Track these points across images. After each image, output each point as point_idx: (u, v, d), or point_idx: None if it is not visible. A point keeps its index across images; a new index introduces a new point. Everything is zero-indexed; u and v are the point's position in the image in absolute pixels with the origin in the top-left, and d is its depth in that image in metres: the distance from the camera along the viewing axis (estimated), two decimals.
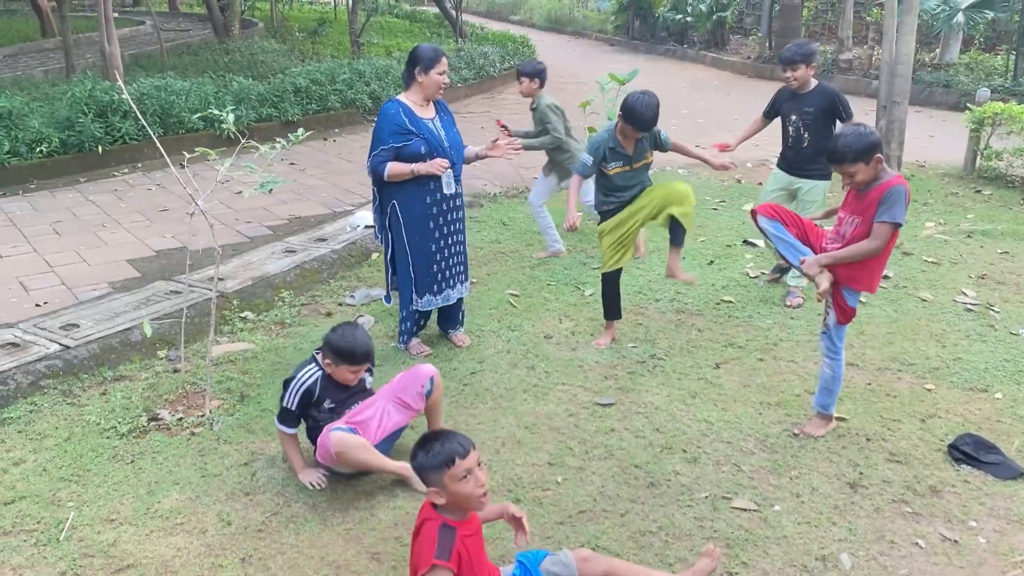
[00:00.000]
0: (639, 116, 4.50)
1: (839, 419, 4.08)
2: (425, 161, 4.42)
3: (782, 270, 5.75)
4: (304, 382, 3.56)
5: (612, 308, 4.95)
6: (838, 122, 5.32)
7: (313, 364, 3.62)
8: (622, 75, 6.87)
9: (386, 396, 3.70)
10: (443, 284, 4.72)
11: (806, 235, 3.84)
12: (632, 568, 2.91)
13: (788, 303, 5.43)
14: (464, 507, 2.56)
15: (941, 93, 13.46)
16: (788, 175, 5.55)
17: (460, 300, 4.89)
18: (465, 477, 2.49)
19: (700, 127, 11.79)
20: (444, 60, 4.48)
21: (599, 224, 4.89)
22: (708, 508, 3.44)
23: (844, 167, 3.54)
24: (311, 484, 3.53)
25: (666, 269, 4.92)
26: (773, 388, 4.43)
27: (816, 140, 5.32)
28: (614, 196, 4.78)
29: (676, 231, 4.76)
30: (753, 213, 3.90)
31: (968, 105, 9.09)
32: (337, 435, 3.42)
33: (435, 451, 2.52)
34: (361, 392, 3.72)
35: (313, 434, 3.62)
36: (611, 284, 4.88)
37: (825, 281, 3.65)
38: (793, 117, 5.46)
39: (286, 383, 3.59)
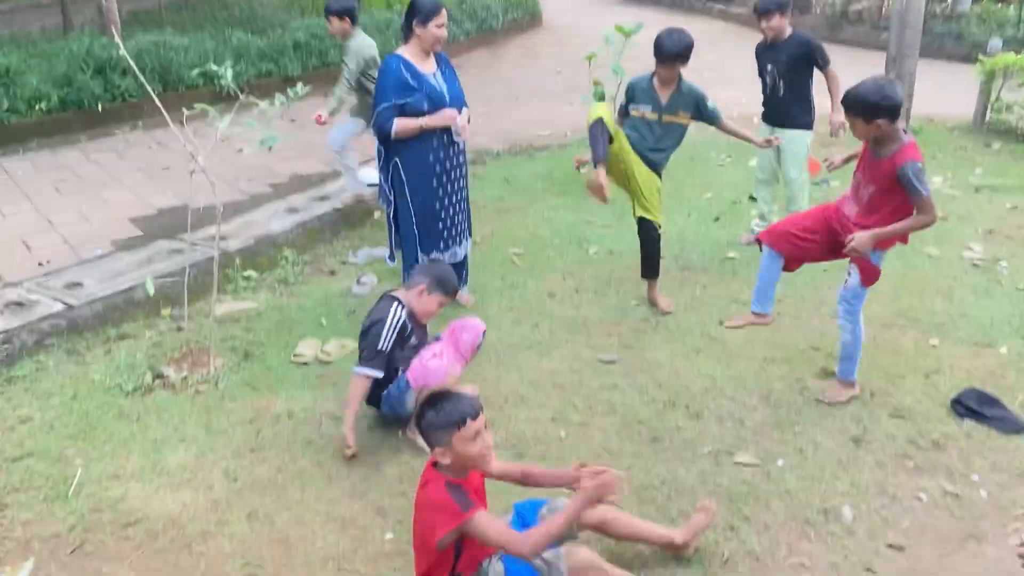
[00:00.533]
0: (659, 43, 4.46)
1: None
2: (428, 116, 4.34)
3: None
4: (399, 318, 3.53)
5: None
6: (816, 71, 5.23)
7: (395, 303, 3.58)
8: (628, 27, 6.75)
9: (449, 343, 3.61)
10: (449, 241, 4.65)
11: (829, 225, 3.80)
12: (624, 518, 2.92)
13: (742, 239, 5.61)
14: (468, 467, 2.56)
15: (952, 44, 13.24)
16: (770, 127, 5.53)
17: (465, 258, 4.85)
18: (474, 438, 2.48)
19: (708, 81, 11.59)
20: (443, 12, 4.32)
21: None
22: (711, 463, 3.46)
23: (846, 114, 3.55)
24: (348, 446, 3.48)
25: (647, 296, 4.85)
26: (777, 344, 4.43)
27: (792, 90, 5.27)
28: (633, 135, 4.55)
29: (646, 262, 4.71)
30: (758, 242, 4.01)
31: (980, 57, 8.94)
32: (431, 369, 3.42)
33: (446, 411, 2.48)
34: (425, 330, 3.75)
35: (379, 390, 3.60)
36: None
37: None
38: (769, 67, 5.46)
39: (371, 327, 3.52)
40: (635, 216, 4.70)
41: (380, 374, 3.52)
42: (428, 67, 4.42)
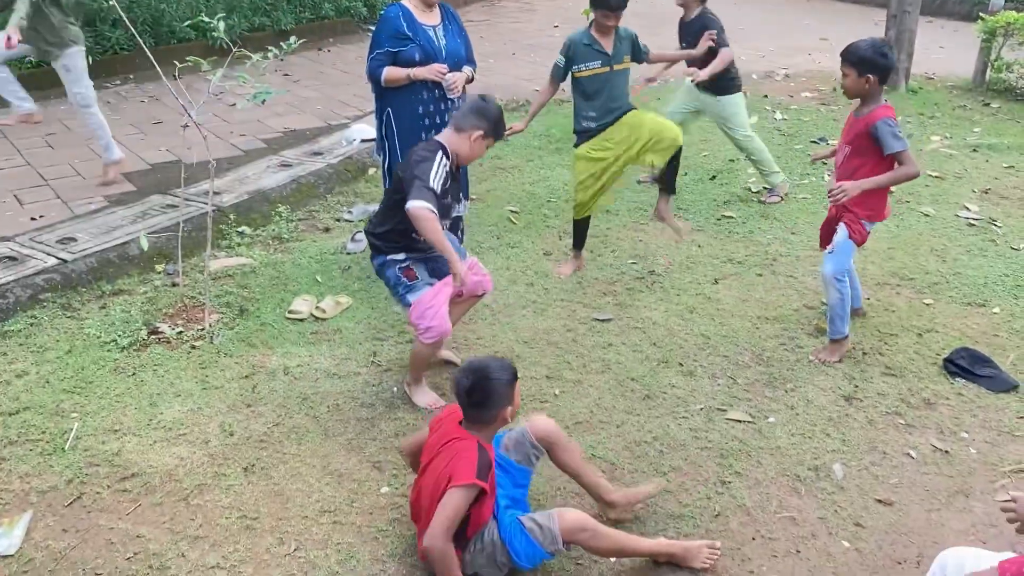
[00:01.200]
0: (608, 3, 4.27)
1: None
2: (419, 67, 4.30)
3: (654, 178, 5.54)
4: (445, 166, 3.33)
5: (580, 236, 4.76)
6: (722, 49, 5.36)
7: (441, 150, 3.36)
8: None
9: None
10: None
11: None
12: (574, 456, 2.91)
13: (766, 199, 5.75)
14: (501, 426, 2.68)
15: (954, 2, 13.10)
16: (696, 90, 5.72)
17: (459, 219, 4.82)
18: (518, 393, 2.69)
19: None
20: None
21: (575, 146, 4.61)
22: (703, 420, 3.49)
23: (842, 64, 3.71)
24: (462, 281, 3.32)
25: (655, 211, 4.80)
26: (771, 303, 4.44)
27: (704, 62, 5.32)
28: (591, 110, 4.47)
29: (665, 175, 4.61)
30: None
31: (981, 15, 8.84)
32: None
33: (505, 365, 2.64)
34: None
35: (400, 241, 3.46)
36: (581, 223, 4.72)
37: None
38: (684, 45, 5.64)
39: (418, 163, 3.28)
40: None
41: (436, 211, 3.21)
42: (430, 20, 4.36)
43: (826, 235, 3.99)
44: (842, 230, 3.80)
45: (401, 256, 3.49)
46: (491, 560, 2.63)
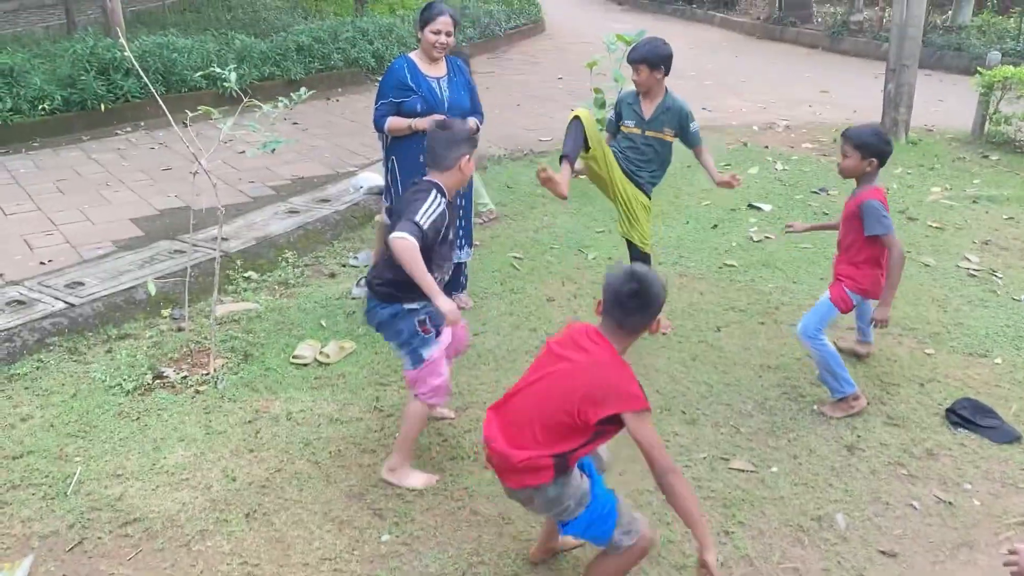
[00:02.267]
0: (636, 47, 4.34)
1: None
2: (420, 118, 4.42)
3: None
4: (439, 204, 3.20)
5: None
6: None
7: (435, 188, 3.24)
8: (629, 35, 6.78)
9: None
10: None
11: None
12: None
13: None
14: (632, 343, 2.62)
15: (952, 56, 13.30)
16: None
17: (462, 264, 4.90)
18: None
19: (708, 89, 11.69)
20: (440, 19, 4.37)
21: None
22: (706, 468, 3.48)
23: (844, 146, 3.82)
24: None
25: None
26: (773, 352, 4.46)
27: None
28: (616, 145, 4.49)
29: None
30: None
31: (979, 69, 8.99)
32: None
33: (664, 284, 2.59)
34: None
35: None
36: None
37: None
38: None
39: (412, 200, 3.18)
40: (620, 234, 4.62)
41: (416, 242, 3.07)
42: (434, 72, 4.50)
43: None
44: (826, 294, 3.92)
45: (418, 305, 3.26)
46: (569, 498, 2.57)
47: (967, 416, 3.81)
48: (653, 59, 4.33)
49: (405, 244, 3.05)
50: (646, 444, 2.45)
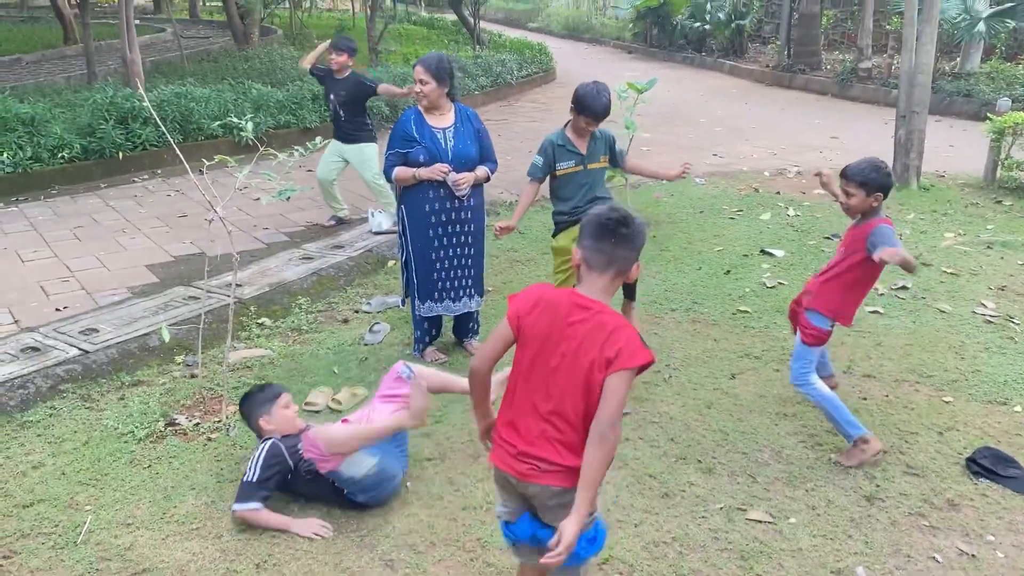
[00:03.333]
0: (590, 104, 4.32)
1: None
2: (423, 168, 4.49)
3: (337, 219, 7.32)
4: (266, 450, 3.42)
5: None
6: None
7: (268, 440, 3.47)
8: (640, 84, 6.87)
9: (374, 401, 3.70)
10: (443, 293, 4.73)
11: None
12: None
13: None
14: (615, 290, 2.49)
15: (962, 102, 13.36)
16: (340, 144, 7.08)
17: (475, 313, 4.92)
18: None
19: (718, 135, 11.77)
20: (417, 69, 4.50)
21: (553, 236, 4.70)
22: (723, 519, 3.43)
23: (846, 185, 3.77)
24: (315, 535, 3.30)
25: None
26: (789, 399, 4.41)
27: (351, 116, 6.94)
28: (565, 204, 4.56)
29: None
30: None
31: (989, 115, 9.02)
32: (314, 430, 3.37)
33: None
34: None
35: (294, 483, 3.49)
36: None
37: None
38: (332, 97, 6.96)
39: (257, 463, 3.39)
40: None
41: (259, 506, 3.33)
42: (440, 122, 4.57)
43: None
44: (796, 342, 3.89)
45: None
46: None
47: (988, 466, 3.74)
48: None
49: (246, 515, 3.33)
50: (617, 395, 2.29)
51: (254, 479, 3.34)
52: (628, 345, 2.30)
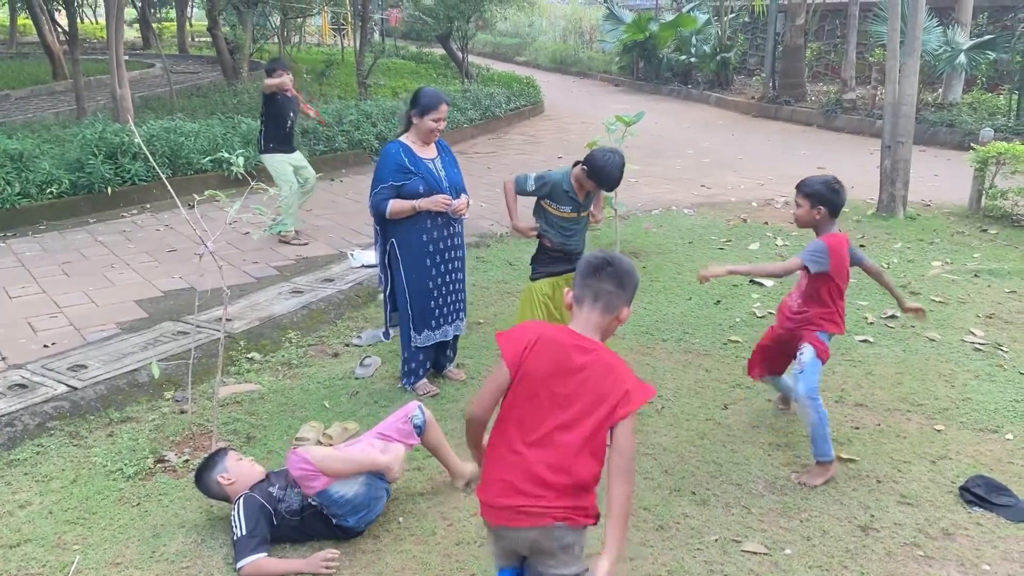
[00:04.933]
0: (604, 179, 4.42)
1: (849, 460, 4.06)
2: (423, 199, 4.51)
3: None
4: (250, 504, 3.39)
5: None
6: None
7: (239, 497, 3.43)
8: (628, 116, 6.92)
9: (369, 434, 3.68)
10: (441, 320, 4.77)
11: (778, 336, 4.26)
12: None
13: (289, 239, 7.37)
14: (608, 335, 2.53)
15: (945, 132, 13.54)
16: (290, 155, 7.67)
17: (455, 338, 4.95)
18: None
19: (705, 167, 11.88)
20: (442, 108, 4.54)
21: (532, 278, 4.80)
22: (718, 551, 3.41)
23: (797, 196, 4.03)
24: (325, 565, 3.27)
25: None
26: (782, 429, 4.41)
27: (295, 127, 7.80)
28: (551, 237, 4.70)
29: None
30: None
31: (972, 145, 9.14)
32: (299, 449, 3.42)
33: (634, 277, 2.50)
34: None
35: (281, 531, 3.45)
36: None
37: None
38: (292, 115, 7.73)
39: (239, 519, 3.34)
40: None
41: (264, 554, 3.28)
42: (427, 153, 4.64)
43: (765, 358, 4.32)
44: (808, 350, 3.96)
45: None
46: (578, 551, 2.48)
47: (981, 494, 3.74)
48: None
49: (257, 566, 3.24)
50: (631, 441, 2.34)
51: (244, 533, 3.29)
52: (634, 384, 2.38)
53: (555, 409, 2.37)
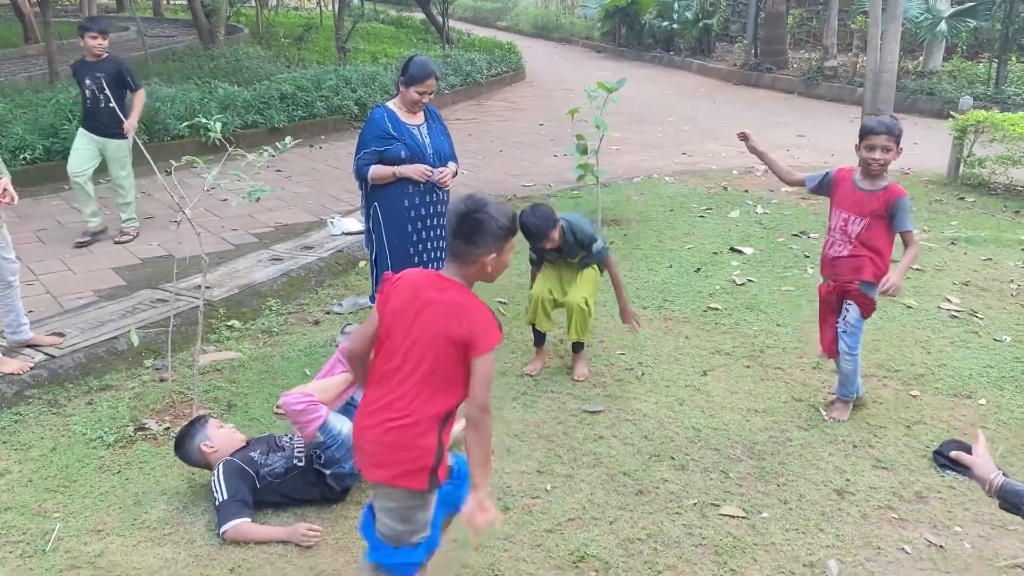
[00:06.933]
0: (527, 232, 4.28)
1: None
2: (405, 165, 4.48)
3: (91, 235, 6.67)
4: (230, 469, 3.40)
5: (539, 337, 4.75)
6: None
7: (219, 463, 3.44)
8: (610, 83, 6.88)
9: (335, 357, 3.66)
10: None
11: (828, 303, 4.22)
12: None
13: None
14: (488, 280, 2.60)
15: (925, 101, 13.58)
16: (96, 136, 6.58)
17: None
18: (510, 252, 2.60)
19: (686, 134, 11.86)
20: (430, 82, 4.52)
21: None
22: (696, 515, 3.46)
23: (888, 140, 3.83)
24: (305, 536, 3.25)
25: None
26: (760, 395, 4.46)
27: (108, 102, 6.13)
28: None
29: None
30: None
31: (951, 113, 9.18)
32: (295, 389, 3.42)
33: (506, 211, 2.56)
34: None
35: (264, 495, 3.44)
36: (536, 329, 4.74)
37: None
38: (88, 82, 6.38)
39: (220, 484, 3.34)
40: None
41: (248, 518, 3.30)
42: (414, 120, 4.62)
43: (828, 329, 4.26)
44: (854, 309, 4.07)
45: None
46: (417, 521, 2.61)
47: (954, 458, 3.80)
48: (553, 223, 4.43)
49: (231, 533, 3.25)
50: (484, 378, 2.42)
51: (226, 497, 3.30)
52: (483, 327, 2.42)
53: (404, 343, 2.48)
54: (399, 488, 2.51)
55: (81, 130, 6.68)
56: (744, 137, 4.25)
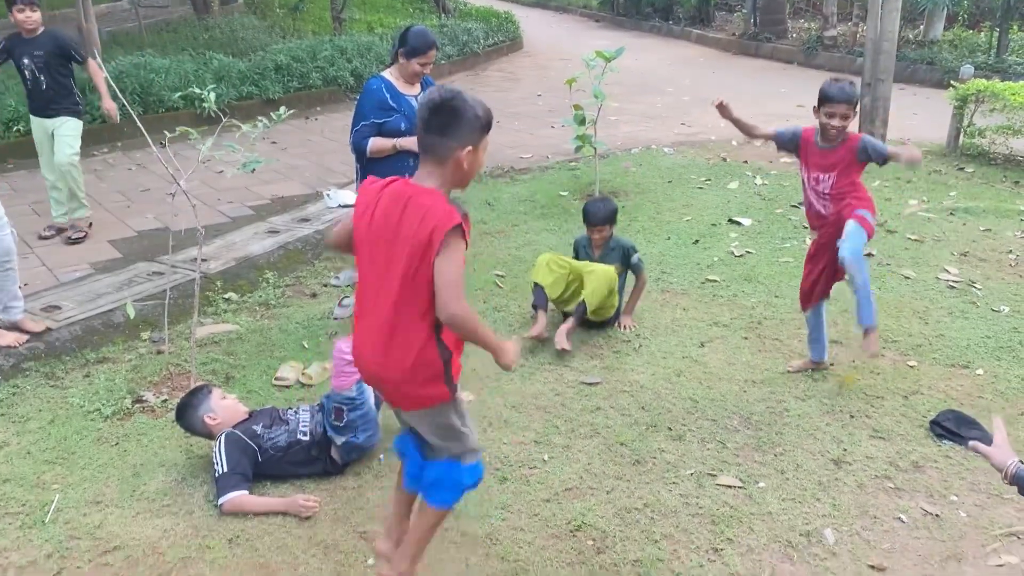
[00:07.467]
0: (586, 212, 4.85)
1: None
2: (405, 137, 4.43)
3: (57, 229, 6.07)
4: (232, 441, 3.39)
5: (539, 297, 4.76)
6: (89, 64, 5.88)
7: (221, 434, 3.43)
8: (608, 52, 6.82)
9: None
10: None
11: (817, 259, 4.25)
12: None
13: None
14: (462, 184, 2.52)
15: (925, 70, 13.48)
16: (42, 119, 5.91)
17: None
18: (485, 150, 2.52)
19: (686, 105, 11.77)
20: (431, 53, 4.46)
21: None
22: (693, 485, 3.47)
23: (847, 108, 3.92)
24: (303, 507, 3.26)
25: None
26: (758, 366, 4.46)
27: (53, 82, 5.76)
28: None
29: (580, 307, 4.68)
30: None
31: (952, 82, 9.11)
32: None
33: (483, 104, 2.49)
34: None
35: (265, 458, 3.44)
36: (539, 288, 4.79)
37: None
38: (26, 61, 5.73)
39: (221, 455, 3.34)
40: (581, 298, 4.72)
41: (245, 491, 3.30)
42: (411, 90, 4.55)
43: (814, 285, 4.26)
44: (851, 223, 3.94)
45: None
46: (465, 423, 2.62)
47: (951, 428, 3.82)
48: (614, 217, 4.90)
49: (228, 506, 3.26)
50: (448, 280, 2.31)
51: (226, 470, 3.30)
52: (440, 217, 2.33)
53: (383, 256, 2.43)
54: (427, 408, 2.52)
55: (32, 119, 6.00)
56: (721, 107, 4.23)
